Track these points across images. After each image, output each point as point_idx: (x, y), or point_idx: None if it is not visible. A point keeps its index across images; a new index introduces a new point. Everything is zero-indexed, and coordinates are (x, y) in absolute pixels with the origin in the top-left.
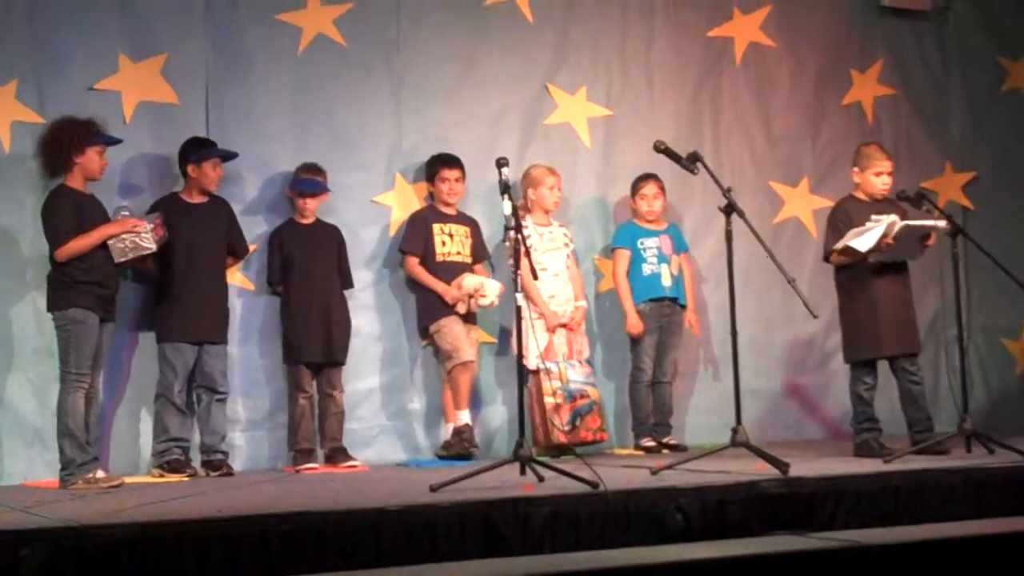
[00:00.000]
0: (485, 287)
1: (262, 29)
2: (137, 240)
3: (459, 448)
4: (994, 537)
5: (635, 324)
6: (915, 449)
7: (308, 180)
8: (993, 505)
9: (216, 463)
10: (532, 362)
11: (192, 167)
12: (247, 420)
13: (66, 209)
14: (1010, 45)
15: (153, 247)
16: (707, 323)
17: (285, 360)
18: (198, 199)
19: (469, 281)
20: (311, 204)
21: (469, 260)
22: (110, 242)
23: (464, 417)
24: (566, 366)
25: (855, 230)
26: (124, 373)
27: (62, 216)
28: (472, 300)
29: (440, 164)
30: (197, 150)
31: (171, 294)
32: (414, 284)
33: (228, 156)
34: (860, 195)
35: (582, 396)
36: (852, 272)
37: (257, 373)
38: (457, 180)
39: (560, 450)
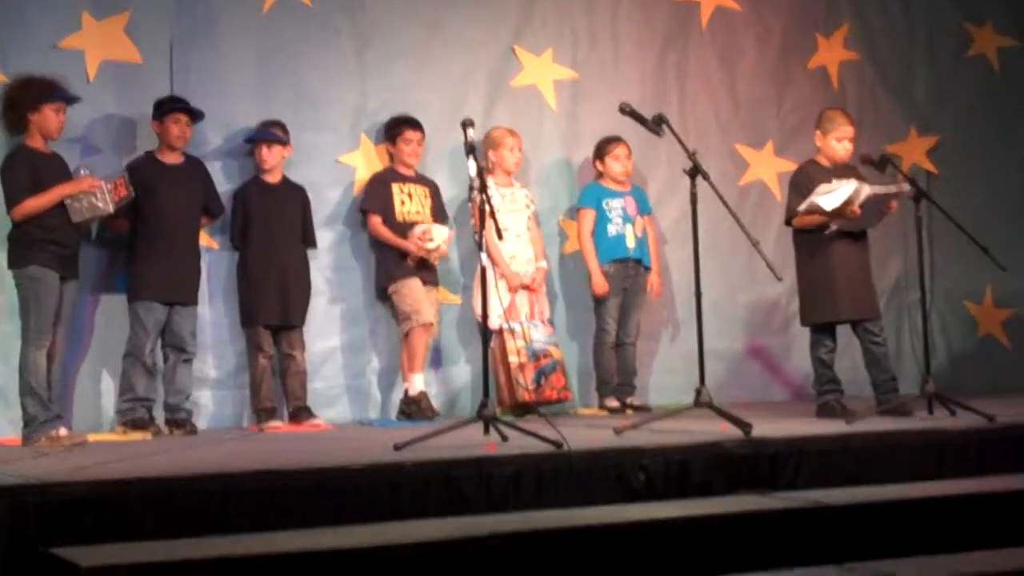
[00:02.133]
0: (432, 231)
1: None
2: (94, 200)
3: (417, 416)
4: (955, 498)
5: (600, 284)
6: (879, 411)
7: (263, 131)
8: (954, 466)
9: (180, 421)
10: (495, 322)
11: (155, 124)
12: (212, 379)
13: (22, 168)
14: (975, 10)
15: (110, 209)
16: (671, 284)
17: (242, 322)
18: (172, 159)
19: (417, 228)
20: (268, 156)
21: (429, 220)
22: (67, 202)
23: (418, 383)
24: (529, 326)
25: (823, 186)
26: (87, 331)
27: (18, 175)
28: (424, 248)
29: (403, 125)
30: (159, 107)
31: (144, 253)
32: (376, 244)
33: (190, 112)
34: (822, 159)
35: (545, 355)
36: (811, 236)
37: (222, 332)
38: (419, 142)
39: (525, 409)
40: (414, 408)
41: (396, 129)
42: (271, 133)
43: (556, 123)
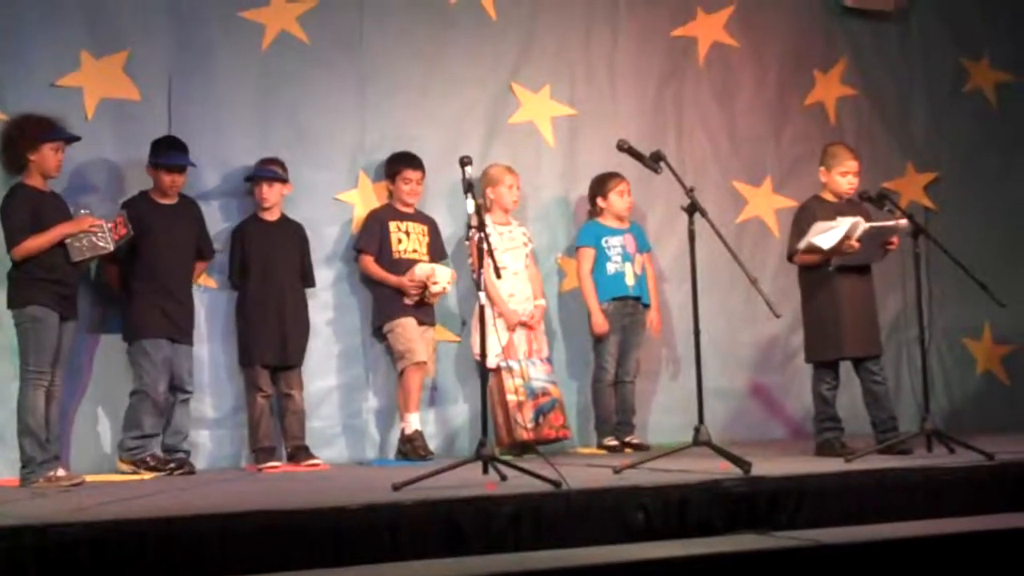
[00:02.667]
0: (436, 273)
1: (225, 26)
2: (94, 240)
3: (413, 455)
4: (954, 536)
5: (600, 324)
6: (878, 448)
7: (264, 169)
8: (954, 504)
9: (178, 461)
10: (492, 360)
11: (149, 169)
12: (210, 418)
13: (21, 207)
14: (972, 46)
15: (110, 247)
16: (670, 322)
17: (240, 361)
18: (167, 200)
19: (421, 269)
20: (268, 194)
21: (426, 258)
22: (67, 241)
23: (414, 422)
24: (527, 364)
25: (818, 225)
26: (86, 371)
27: (17, 215)
28: (426, 290)
29: (403, 164)
30: (156, 153)
31: (142, 292)
32: (370, 283)
33: (180, 164)
34: (827, 195)
35: (544, 394)
36: (816, 273)
37: (220, 371)
38: (418, 182)
39: (524, 448)
40: (409, 447)
41: (395, 168)
42: (272, 171)
43: (554, 160)
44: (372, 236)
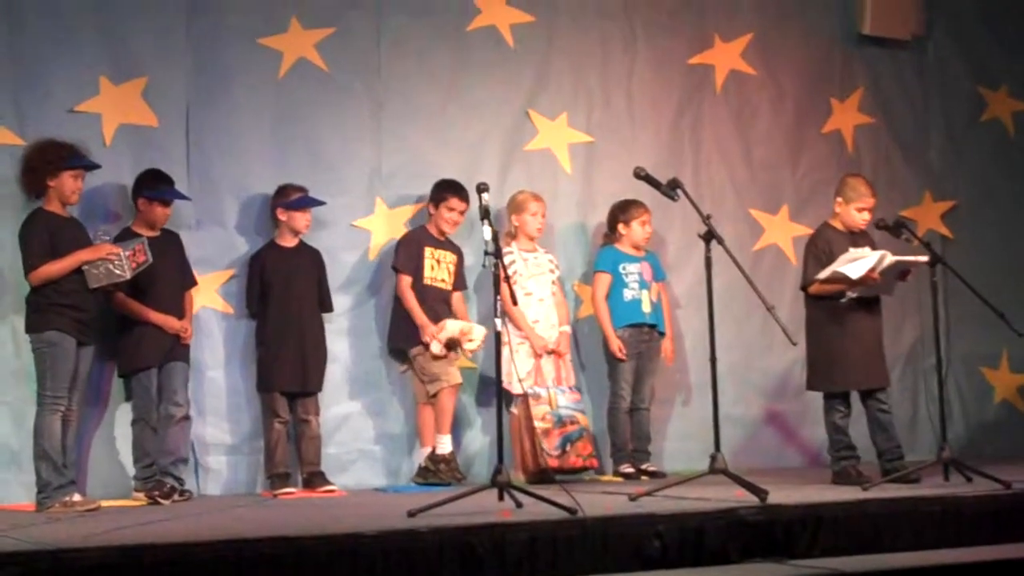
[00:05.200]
0: (474, 331)
1: (243, 53)
2: (111, 267)
3: (446, 476)
4: (972, 565)
5: (618, 347)
6: (888, 479)
7: (302, 197)
8: (971, 533)
9: (167, 488)
10: (517, 387)
11: (142, 202)
12: (226, 444)
13: (40, 233)
14: (989, 75)
15: (127, 275)
16: (686, 350)
17: (258, 387)
18: (152, 233)
19: (452, 325)
20: (302, 222)
21: (450, 287)
22: (84, 268)
23: (447, 443)
24: (555, 392)
25: (848, 255)
26: (102, 396)
27: (35, 240)
28: (459, 346)
29: (451, 192)
30: (149, 186)
31: (134, 324)
32: (398, 304)
33: (175, 198)
34: (837, 224)
35: (572, 422)
36: (827, 303)
37: (236, 397)
38: (461, 213)
39: (549, 477)
40: (442, 467)
41: (443, 195)
42: (311, 199)
43: (571, 187)
44: (411, 258)
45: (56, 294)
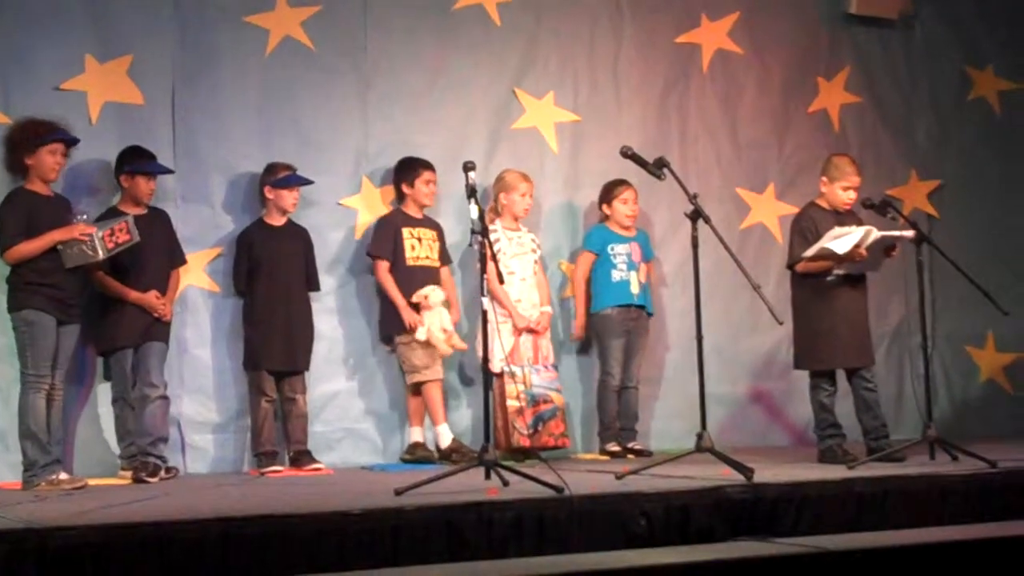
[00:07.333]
0: (454, 338)
1: (230, 31)
2: (83, 248)
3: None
4: (956, 544)
5: (580, 331)
6: (874, 458)
7: (290, 175)
8: (956, 512)
9: (147, 468)
10: (496, 365)
11: (125, 178)
12: (213, 423)
13: (16, 211)
14: (976, 54)
15: (99, 256)
16: (673, 329)
17: (245, 366)
18: (139, 210)
19: (436, 295)
20: (289, 200)
21: (437, 264)
22: (60, 247)
23: (447, 433)
24: (530, 370)
25: (836, 230)
26: (87, 375)
27: (11, 219)
28: (444, 340)
29: (421, 166)
30: (131, 161)
31: (116, 303)
32: (381, 291)
33: (158, 172)
34: (823, 203)
35: (545, 401)
36: (813, 282)
37: (223, 375)
38: (435, 183)
39: (523, 454)
40: (454, 456)
41: (415, 171)
42: (300, 177)
43: (558, 166)
44: (386, 242)
45: (33, 273)
